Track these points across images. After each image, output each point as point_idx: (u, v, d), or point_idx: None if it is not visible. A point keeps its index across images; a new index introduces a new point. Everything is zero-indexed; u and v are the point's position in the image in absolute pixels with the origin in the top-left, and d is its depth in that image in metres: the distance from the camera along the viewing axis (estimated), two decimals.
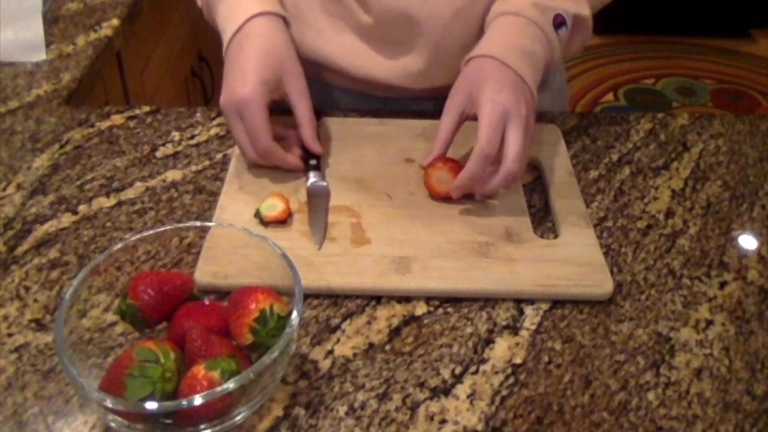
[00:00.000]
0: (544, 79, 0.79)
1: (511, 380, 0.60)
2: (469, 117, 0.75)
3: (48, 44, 1.02)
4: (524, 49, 0.75)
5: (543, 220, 0.76)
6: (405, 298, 0.67)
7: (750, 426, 0.57)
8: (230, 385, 0.50)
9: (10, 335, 0.63)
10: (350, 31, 0.87)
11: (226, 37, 0.79)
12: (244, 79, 0.74)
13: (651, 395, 0.59)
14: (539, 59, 0.77)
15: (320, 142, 0.82)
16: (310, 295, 0.66)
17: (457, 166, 0.74)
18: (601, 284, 0.67)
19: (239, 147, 0.77)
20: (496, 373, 0.61)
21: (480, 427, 0.57)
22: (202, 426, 0.52)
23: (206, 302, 0.62)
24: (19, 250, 0.71)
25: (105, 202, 0.76)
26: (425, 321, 0.65)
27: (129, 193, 0.78)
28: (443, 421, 0.57)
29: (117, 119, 0.89)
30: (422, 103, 0.92)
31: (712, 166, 0.84)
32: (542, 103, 0.85)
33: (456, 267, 0.68)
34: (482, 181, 0.72)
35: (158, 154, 0.83)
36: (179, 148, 0.84)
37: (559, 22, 0.78)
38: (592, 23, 0.83)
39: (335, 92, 0.94)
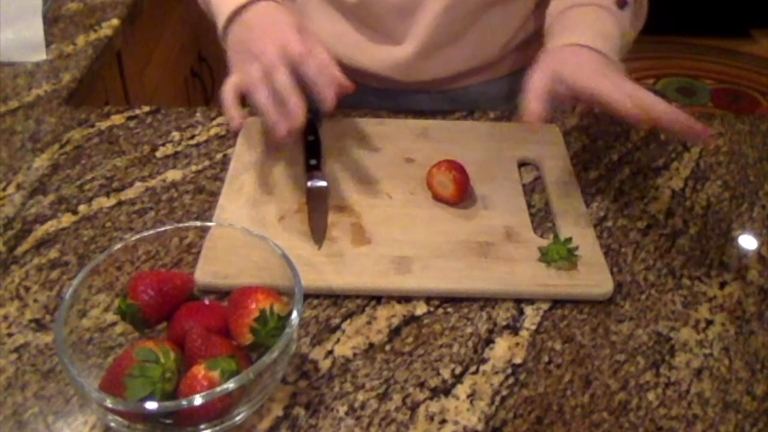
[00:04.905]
0: None
1: (511, 380, 0.60)
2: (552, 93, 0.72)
3: (48, 44, 1.02)
4: (603, 32, 0.76)
5: (543, 220, 0.76)
6: (405, 298, 0.67)
7: (750, 426, 0.57)
8: (230, 385, 0.50)
9: (10, 335, 0.63)
10: (336, 14, 0.88)
11: (222, 18, 0.76)
12: (294, 35, 0.70)
13: (651, 395, 0.59)
14: (617, 40, 0.77)
15: (321, 142, 0.82)
16: (310, 295, 0.66)
17: (461, 172, 0.74)
18: (601, 284, 0.67)
19: (282, 92, 0.68)
20: (496, 373, 0.61)
21: (480, 427, 0.57)
22: (202, 426, 0.52)
23: (206, 302, 0.62)
24: (19, 250, 0.71)
25: (105, 202, 0.76)
26: (425, 321, 0.65)
27: (129, 193, 0.78)
28: (443, 421, 0.57)
29: (117, 119, 0.89)
30: (418, 97, 0.92)
31: (712, 166, 0.84)
32: None
33: (456, 267, 0.68)
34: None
35: (158, 154, 0.83)
36: (179, 148, 0.84)
37: (622, 2, 0.80)
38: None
39: None
